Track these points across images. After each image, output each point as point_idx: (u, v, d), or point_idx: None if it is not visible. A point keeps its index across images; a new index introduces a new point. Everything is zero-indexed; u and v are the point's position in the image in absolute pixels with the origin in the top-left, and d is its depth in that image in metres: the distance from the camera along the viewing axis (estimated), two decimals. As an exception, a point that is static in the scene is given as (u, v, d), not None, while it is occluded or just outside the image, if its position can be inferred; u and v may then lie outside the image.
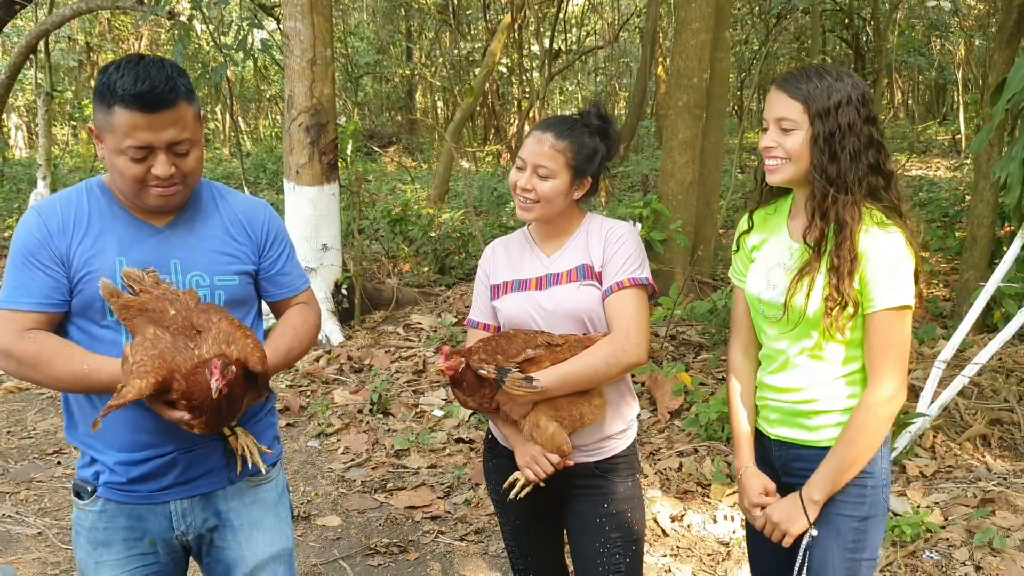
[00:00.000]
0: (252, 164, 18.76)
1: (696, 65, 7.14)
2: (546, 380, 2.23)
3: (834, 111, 2.03)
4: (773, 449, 2.27)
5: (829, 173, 2.04)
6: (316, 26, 7.09)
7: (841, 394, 2.14)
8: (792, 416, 2.21)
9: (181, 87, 1.97)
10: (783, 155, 2.10)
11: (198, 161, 2.06)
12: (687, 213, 7.27)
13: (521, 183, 2.35)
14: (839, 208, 2.04)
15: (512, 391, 2.23)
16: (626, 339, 2.27)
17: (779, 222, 2.25)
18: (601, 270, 2.36)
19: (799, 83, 2.07)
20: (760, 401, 2.31)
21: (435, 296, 8.43)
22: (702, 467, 4.57)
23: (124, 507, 2.12)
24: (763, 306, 2.21)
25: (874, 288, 2.03)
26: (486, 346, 2.30)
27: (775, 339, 2.21)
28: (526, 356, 2.26)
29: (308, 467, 4.95)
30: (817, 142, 2.04)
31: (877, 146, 2.07)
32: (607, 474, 2.42)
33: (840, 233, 2.04)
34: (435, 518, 4.31)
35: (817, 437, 2.17)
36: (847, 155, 2.03)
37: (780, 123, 2.09)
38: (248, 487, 2.22)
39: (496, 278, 2.49)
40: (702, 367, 6.04)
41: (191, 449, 2.12)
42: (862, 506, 2.12)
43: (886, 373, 2.05)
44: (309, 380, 6.27)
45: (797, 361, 2.17)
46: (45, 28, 10.67)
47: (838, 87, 2.04)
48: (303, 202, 7.33)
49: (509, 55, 17.64)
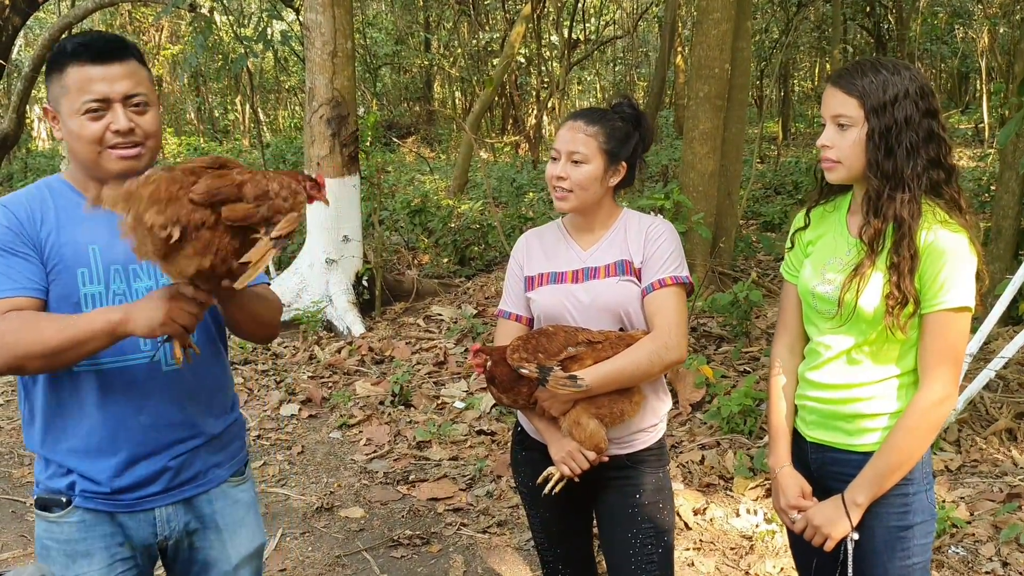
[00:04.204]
0: (271, 155, 18.80)
1: (717, 55, 7.08)
2: (590, 378, 2.22)
3: (890, 106, 1.99)
4: (809, 451, 2.24)
5: (884, 169, 2.01)
6: (337, 18, 7.10)
7: (888, 396, 2.10)
8: (830, 419, 2.18)
9: (132, 48, 2.00)
10: (837, 155, 2.07)
11: (156, 123, 2.04)
12: (708, 204, 7.23)
13: (557, 172, 2.34)
14: (896, 205, 2.00)
15: (556, 390, 2.22)
16: (668, 337, 2.27)
17: (838, 218, 2.22)
18: (641, 266, 2.36)
19: (854, 78, 2.03)
20: (799, 400, 2.28)
21: (455, 288, 8.44)
22: (724, 460, 4.55)
23: (105, 515, 2.08)
24: (816, 300, 2.18)
25: (934, 287, 1.99)
26: (526, 344, 2.28)
27: (823, 334, 2.18)
28: (568, 354, 2.24)
29: (331, 458, 4.98)
30: (872, 138, 2.00)
31: (938, 140, 2.02)
32: (638, 465, 2.42)
33: (899, 230, 2.00)
34: (457, 510, 4.32)
35: (857, 441, 2.14)
36: (904, 150, 1.99)
37: (836, 120, 2.06)
38: (230, 488, 2.24)
39: (530, 269, 2.49)
40: (723, 359, 6.02)
41: (180, 454, 2.12)
42: (906, 515, 2.09)
43: (939, 375, 2.02)
44: (331, 371, 6.29)
45: (843, 358, 2.14)
46: (68, 21, 10.73)
47: (895, 81, 2.00)
48: (324, 194, 7.32)
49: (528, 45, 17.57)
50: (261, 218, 1.81)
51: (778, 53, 16.74)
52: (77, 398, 2.04)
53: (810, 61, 26.33)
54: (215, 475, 2.21)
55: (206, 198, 1.74)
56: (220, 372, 2.26)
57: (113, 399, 2.04)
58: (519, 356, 2.25)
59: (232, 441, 2.28)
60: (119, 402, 2.05)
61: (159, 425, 2.09)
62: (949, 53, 22.50)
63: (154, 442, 2.08)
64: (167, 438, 2.10)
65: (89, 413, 2.04)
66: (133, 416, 2.06)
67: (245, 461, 2.34)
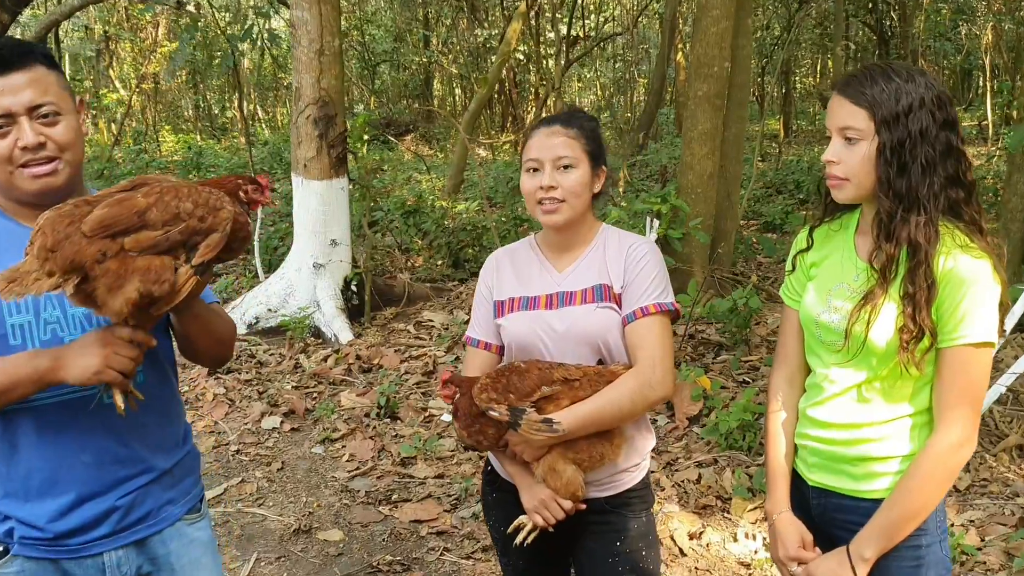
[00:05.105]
0: (268, 153, 18.60)
1: (717, 53, 6.87)
2: (567, 422, 2.00)
3: (904, 117, 1.77)
4: (811, 496, 2.03)
5: (897, 188, 1.79)
6: (324, 15, 6.88)
7: (900, 437, 1.89)
8: (835, 461, 1.96)
9: (38, 53, 1.81)
10: (844, 172, 1.85)
11: (73, 133, 1.85)
12: (707, 206, 7.01)
13: (544, 182, 2.10)
14: (911, 228, 1.78)
15: (530, 435, 2.00)
16: (652, 373, 2.05)
17: (844, 238, 2.00)
18: (621, 292, 2.13)
19: (863, 87, 1.81)
20: (799, 439, 2.06)
21: (448, 292, 8.23)
22: (722, 479, 4.34)
23: (48, 563, 1.90)
24: (820, 330, 1.97)
25: (953, 319, 1.78)
26: (495, 383, 2.05)
27: (828, 367, 1.96)
28: (542, 394, 2.02)
29: (311, 475, 4.77)
30: (884, 153, 1.79)
31: (957, 155, 1.81)
32: (620, 509, 2.21)
33: (914, 256, 1.79)
34: (441, 533, 4.11)
35: (864, 487, 1.92)
36: (919, 167, 1.78)
37: (843, 133, 1.84)
38: (185, 525, 2.07)
39: (501, 293, 2.27)
40: (722, 369, 5.81)
41: (128, 493, 1.94)
42: (919, 569, 1.88)
43: (958, 417, 1.81)
44: (316, 381, 6.08)
45: (850, 395, 1.92)
46: (55, 18, 10.52)
47: (908, 89, 1.78)
48: (311, 197, 7.14)
49: (526, 42, 17.36)
50: (173, 243, 1.63)
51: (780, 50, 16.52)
52: (11, 439, 1.87)
53: (812, 58, 26.14)
54: (168, 513, 2.04)
55: (98, 231, 1.56)
56: (170, 401, 2.08)
57: (51, 437, 1.87)
58: (488, 396, 2.03)
59: (185, 476, 2.11)
60: (58, 440, 1.87)
61: (103, 462, 1.92)
62: (952, 50, 22.25)
63: (99, 481, 1.91)
64: (113, 476, 1.93)
65: (26, 454, 1.87)
66: (74, 454, 1.89)
67: (201, 496, 2.17)
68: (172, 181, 1.72)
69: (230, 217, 1.73)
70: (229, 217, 1.73)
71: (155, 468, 2.00)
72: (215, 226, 1.70)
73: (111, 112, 22.40)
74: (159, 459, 2.01)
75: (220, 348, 2.06)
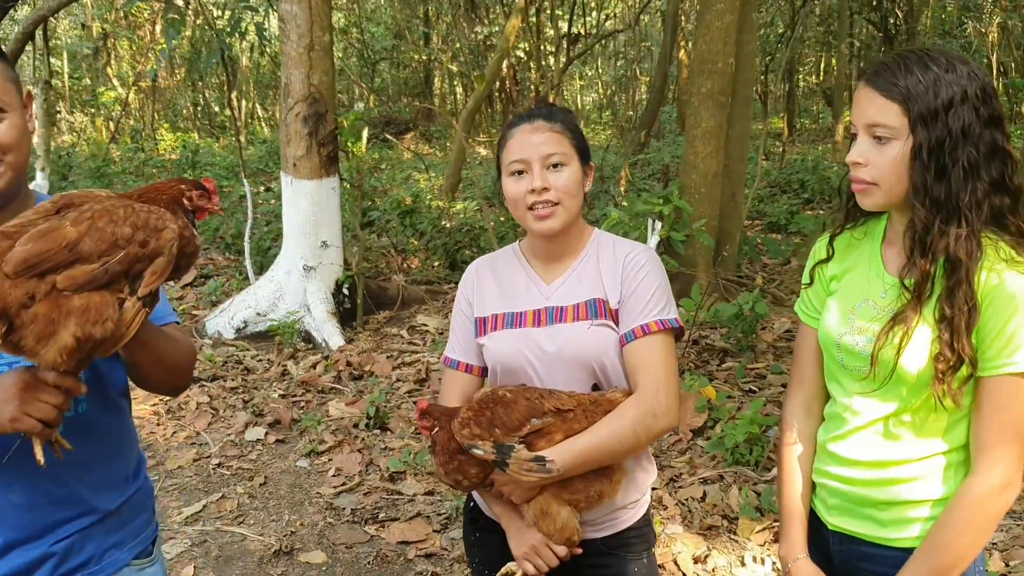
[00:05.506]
0: (267, 152, 18.37)
1: (721, 49, 6.63)
2: (561, 460, 1.76)
3: (943, 113, 1.53)
4: (832, 542, 1.79)
5: (935, 195, 1.55)
6: (314, 9, 6.64)
7: (932, 478, 1.65)
8: (859, 504, 1.72)
9: None
10: (873, 176, 1.60)
11: (18, 132, 1.62)
12: (711, 206, 6.77)
13: (535, 184, 1.85)
14: (949, 241, 1.54)
15: (520, 476, 1.75)
16: (656, 400, 1.80)
17: (869, 249, 1.76)
18: (618, 308, 1.89)
19: (895, 77, 1.56)
20: (818, 476, 1.82)
21: (443, 295, 7.99)
22: (728, 497, 4.10)
23: None
24: (842, 353, 1.73)
25: (997, 345, 1.55)
26: (478, 416, 1.80)
27: (850, 396, 1.72)
28: (532, 427, 1.77)
29: (295, 491, 4.53)
30: (920, 155, 1.54)
31: (1002, 156, 1.56)
32: (618, 551, 1.97)
33: (953, 274, 1.55)
34: (430, 556, 3.87)
35: (893, 535, 1.69)
36: (960, 170, 1.54)
37: (872, 130, 1.59)
38: (133, 572, 1.83)
39: (482, 309, 2.02)
40: (727, 377, 5.57)
41: (66, 537, 1.70)
42: None
43: (1000, 456, 1.57)
44: (304, 389, 5.84)
45: (875, 428, 1.68)
46: (42, 14, 10.28)
47: (948, 80, 1.54)
48: (301, 197, 6.90)
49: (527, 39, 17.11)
50: (113, 276, 1.39)
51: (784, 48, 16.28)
52: None
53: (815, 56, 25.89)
54: (113, 558, 1.80)
55: (23, 271, 1.32)
56: (118, 434, 1.84)
57: None
58: (470, 432, 1.77)
59: (135, 516, 1.86)
60: None
61: (36, 504, 1.68)
62: (958, 48, 22.00)
63: (31, 524, 1.68)
64: (48, 519, 1.70)
65: None
66: (2, 495, 1.66)
67: (153, 537, 1.92)
68: (102, 200, 1.47)
69: (174, 237, 1.49)
70: (174, 237, 1.49)
71: (98, 509, 1.76)
72: (159, 249, 1.47)
73: (109, 110, 22.21)
74: (103, 499, 1.77)
75: (174, 378, 1.81)
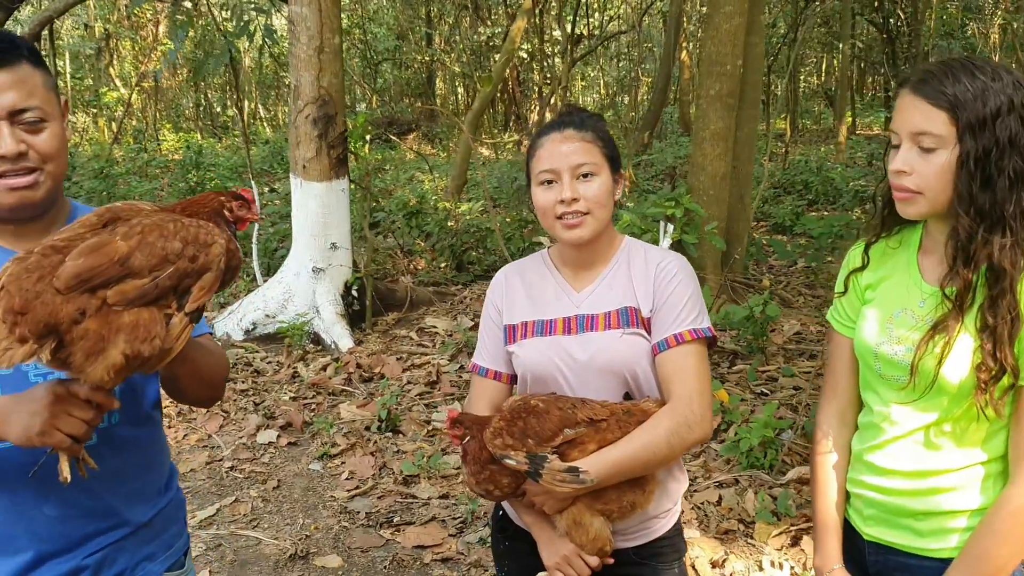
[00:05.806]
0: (269, 152, 18.37)
1: (729, 51, 6.62)
2: (595, 471, 1.75)
3: (991, 122, 1.52)
4: (868, 552, 1.78)
5: (980, 204, 1.54)
6: (324, 11, 6.64)
7: (971, 488, 1.65)
8: (896, 515, 1.72)
9: (23, 49, 1.56)
10: (918, 184, 1.59)
11: (58, 142, 1.60)
12: (719, 209, 6.77)
13: (565, 195, 1.84)
14: (993, 251, 1.54)
15: (553, 487, 1.75)
16: (690, 410, 1.80)
17: (906, 258, 1.75)
18: (651, 316, 1.88)
19: (943, 85, 1.55)
20: (853, 486, 1.81)
21: (451, 296, 7.99)
22: (744, 500, 4.10)
23: None
24: (880, 363, 1.72)
25: None
26: (511, 427, 1.79)
27: (888, 405, 1.72)
28: (565, 437, 1.76)
29: (309, 494, 4.52)
30: (967, 164, 1.53)
31: None
32: (650, 560, 1.96)
33: (997, 284, 1.55)
34: (446, 560, 3.87)
35: (931, 545, 1.68)
36: (1005, 180, 1.53)
37: (918, 139, 1.58)
38: None
39: (512, 316, 2.01)
40: (738, 379, 5.57)
41: (99, 549, 1.69)
42: None
43: None
44: (315, 392, 5.84)
45: (915, 438, 1.68)
46: (48, 15, 10.26)
47: (996, 88, 1.53)
48: (310, 199, 6.90)
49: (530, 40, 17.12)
50: (163, 291, 1.38)
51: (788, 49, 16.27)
52: None
53: (816, 56, 25.90)
54: (146, 571, 1.79)
55: (75, 286, 1.31)
56: (151, 444, 1.83)
57: (8, 487, 1.63)
58: (503, 442, 1.77)
59: (167, 527, 1.86)
60: (16, 490, 1.63)
61: (69, 516, 1.67)
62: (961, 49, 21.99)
63: (64, 537, 1.67)
64: (80, 531, 1.68)
65: None
66: (35, 506, 1.64)
67: (185, 549, 1.91)
68: (150, 214, 1.46)
69: (223, 252, 1.49)
70: (222, 252, 1.48)
71: (130, 522, 1.75)
72: (208, 264, 1.45)
73: (111, 110, 22.21)
74: (136, 511, 1.76)
75: (210, 390, 1.81)
